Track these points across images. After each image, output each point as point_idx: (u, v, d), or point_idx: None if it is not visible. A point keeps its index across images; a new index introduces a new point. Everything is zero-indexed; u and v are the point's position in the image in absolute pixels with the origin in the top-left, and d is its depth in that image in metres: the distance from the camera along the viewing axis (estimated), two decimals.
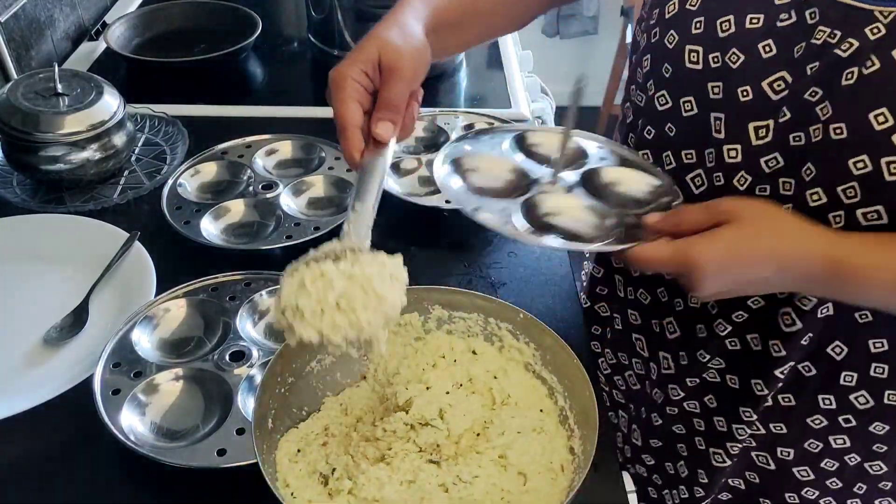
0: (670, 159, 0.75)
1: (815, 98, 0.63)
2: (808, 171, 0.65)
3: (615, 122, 3.12)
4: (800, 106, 0.64)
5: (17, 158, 1.02)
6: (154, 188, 1.06)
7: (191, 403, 0.76)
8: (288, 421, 0.65)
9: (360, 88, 0.65)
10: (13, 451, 0.74)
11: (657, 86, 0.74)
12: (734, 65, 0.67)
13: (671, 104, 0.72)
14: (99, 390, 0.74)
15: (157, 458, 0.69)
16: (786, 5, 0.64)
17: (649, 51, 0.74)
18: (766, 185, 0.68)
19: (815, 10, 0.63)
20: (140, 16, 1.44)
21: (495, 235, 1.02)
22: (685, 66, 0.70)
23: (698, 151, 0.72)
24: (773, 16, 0.65)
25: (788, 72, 0.65)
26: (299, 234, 0.95)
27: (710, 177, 0.72)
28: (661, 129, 0.75)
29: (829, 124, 0.62)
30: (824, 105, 0.62)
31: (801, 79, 0.64)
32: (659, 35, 0.72)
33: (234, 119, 1.24)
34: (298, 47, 1.49)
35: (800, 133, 0.65)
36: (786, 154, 0.66)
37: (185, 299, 0.86)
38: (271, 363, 0.64)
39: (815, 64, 0.63)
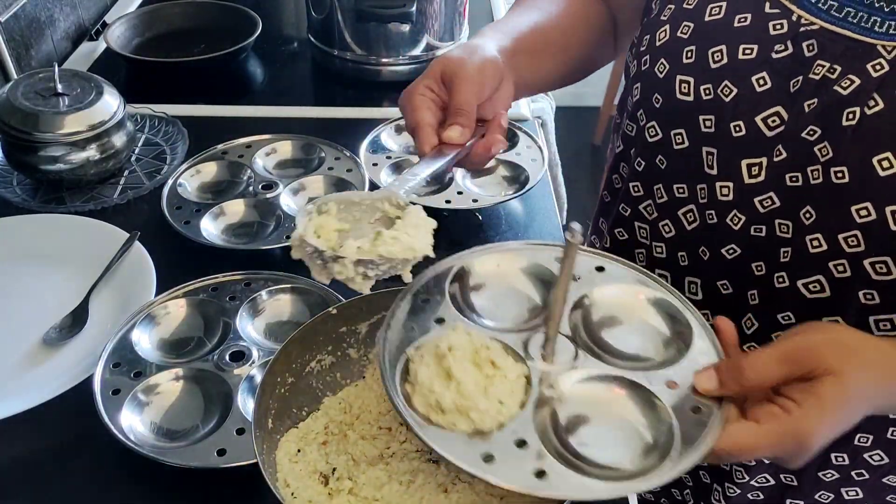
0: (661, 192, 0.72)
1: (813, 137, 0.59)
2: (808, 215, 0.61)
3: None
4: (797, 145, 0.60)
5: (17, 158, 1.02)
6: (154, 188, 1.06)
7: (191, 403, 0.76)
8: (288, 421, 0.65)
9: (427, 101, 0.66)
10: (13, 451, 0.74)
11: (647, 116, 0.71)
12: (726, 98, 0.63)
13: (661, 136, 0.69)
14: (99, 390, 0.74)
15: (157, 458, 0.69)
16: (781, 36, 0.61)
17: (639, 79, 0.71)
18: (762, 225, 0.64)
19: (812, 42, 0.59)
20: (140, 16, 1.44)
21: (496, 235, 1.02)
22: (676, 96, 0.66)
23: (690, 186, 0.69)
24: (768, 47, 0.61)
25: (784, 107, 0.61)
26: None
27: (702, 214, 0.68)
28: (651, 161, 0.72)
29: (830, 167, 0.58)
30: (823, 145, 0.59)
31: (798, 116, 0.60)
32: (649, 63, 0.69)
33: (234, 119, 1.24)
34: (298, 47, 1.49)
35: (797, 174, 0.61)
36: (782, 194, 0.62)
37: (185, 299, 0.86)
38: (271, 363, 0.64)
39: (813, 101, 0.59)
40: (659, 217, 0.74)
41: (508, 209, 1.06)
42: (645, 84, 0.70)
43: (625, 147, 0.78)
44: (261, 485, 0.57)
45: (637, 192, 0.76)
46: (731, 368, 0.52)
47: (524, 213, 1.06)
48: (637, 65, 0.71)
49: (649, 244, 0.76)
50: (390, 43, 1.32)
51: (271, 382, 0.64)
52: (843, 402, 0.51)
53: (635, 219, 0.77)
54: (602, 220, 0.89)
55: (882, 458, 0.73)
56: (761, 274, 0.66)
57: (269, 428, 0.62)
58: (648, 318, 0.59)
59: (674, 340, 0.57)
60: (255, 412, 0.61)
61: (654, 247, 0.75)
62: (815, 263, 0.61)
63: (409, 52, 1.33)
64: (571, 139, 2.76)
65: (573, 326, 0.58)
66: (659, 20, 0.68)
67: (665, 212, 0.72)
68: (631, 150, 0.76)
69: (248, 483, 0.69)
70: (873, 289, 0.60)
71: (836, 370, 0.50)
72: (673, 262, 0.74)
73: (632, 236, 0.78)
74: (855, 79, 0.57)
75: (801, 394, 0.50)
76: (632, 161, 0.75)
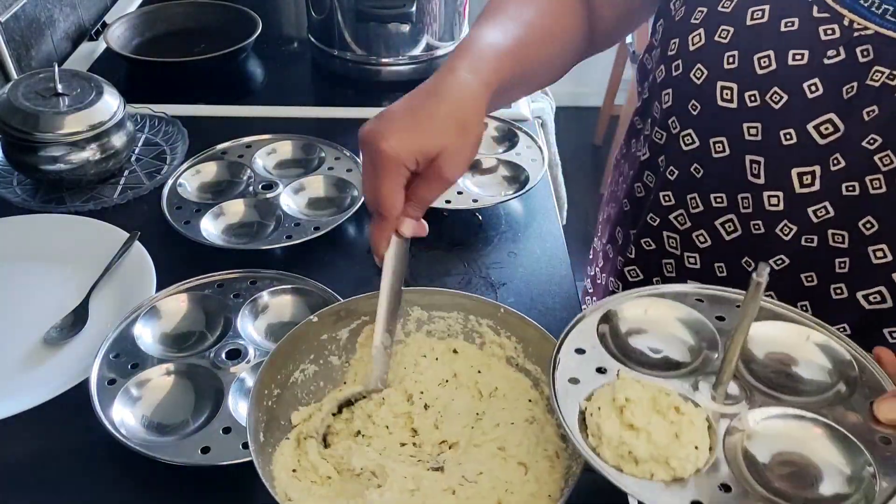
0: (696, 202, 0.70)
1: (873, 146, 0.58)
2: (869, 225, 0.60)
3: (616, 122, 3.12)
4: (856, 154, 0.59)
5: (17, 158, 1.02)
6: (154, 188, 1.06)
7: (182, 399, 0.76)
8: (278, 433, 0.64)
9: (408, 175, 0.61)
10: (13, 451, 0.74)
11: (681, 123, 0.69)
12: (776, 105, 0.61)
13: (698, 144, 0.68)
14: (95, 381, 0.75)
15: (145, 453, 0.68)
16: (833, 41, 0.59)
17: (670, 85, 0.69)
18: (814, 235, 0.63)
19: (867, 48, 0.57)
20: (140, 16, 1.44)
21: (495, 235, 1.02)
22: (717, 103, 0.64)
23: (730, 195, 0.67)
24: (820, 53, 0.59)
25: (837, 114, 0.59)
26: (299, 234, 0.95)
27: (745, 223, 0.67)
28: (686, 169, 0.70)
29: (894, 177, 0.57)
30: (885, 154, 0.57)
31: (856, 124, 0.58)
32: (683, 69, 0.66)
33: (234, 119, 1.24)
34: (298, 47, 1.49)
35: (854, 183, 0.59)
36: (837, 204, 0.61)
37: (189, 294, 0.86)
38: (259, 374, 0.63)
39: (872, 108, 0.57)
40: (692, 227, 0.72)
41: (508, 209, 1.06)
42: (678, 91, 0.68)
43: (652, 155, 0.76)
44: (244, 484, 0.57)
45: (668, 202, 0.74)
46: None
47: (524, 213, 1.06)
48: (666, 70, 0.69)
49: (680, 255, 0.75)
50: (390, 43, 1.32)
51: (260, 394, 0.63)
52: None
53: (664, 228, 0.75)
54: (619, 229, 0.88)
55: None
56: (812, 285, 0.65)
57: (262, 441, 0.62)
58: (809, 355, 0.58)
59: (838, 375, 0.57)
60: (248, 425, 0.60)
61: (686, 257, 0.74)
62: (878, 274, 0.60)
63: (409, 52, 1.33)
64: (571, 139, 2.75)
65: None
66: (690, 24, 0.66)
67: (700, 221, 0.71)
68: (659, 159, 0.74)
69: (231, 481, 0.69)
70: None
71: None
72: (708, 273, 0.73)
73: (659, 246, 0.77)
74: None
75: None
76: (661, 169, 0.74)
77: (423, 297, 0.71)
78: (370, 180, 0.62)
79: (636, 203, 0.82)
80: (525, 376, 0.69)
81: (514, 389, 0.68)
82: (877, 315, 0.63)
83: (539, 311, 0.90)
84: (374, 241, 0.63)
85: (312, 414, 0.66)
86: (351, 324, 0.69)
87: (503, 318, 0.69)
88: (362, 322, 0.68)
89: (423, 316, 0.71)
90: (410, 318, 0.71)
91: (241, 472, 0.67)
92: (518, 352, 0.69)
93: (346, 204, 1.02)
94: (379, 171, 0.60)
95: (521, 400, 0.67)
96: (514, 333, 0.69)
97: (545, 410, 0.66)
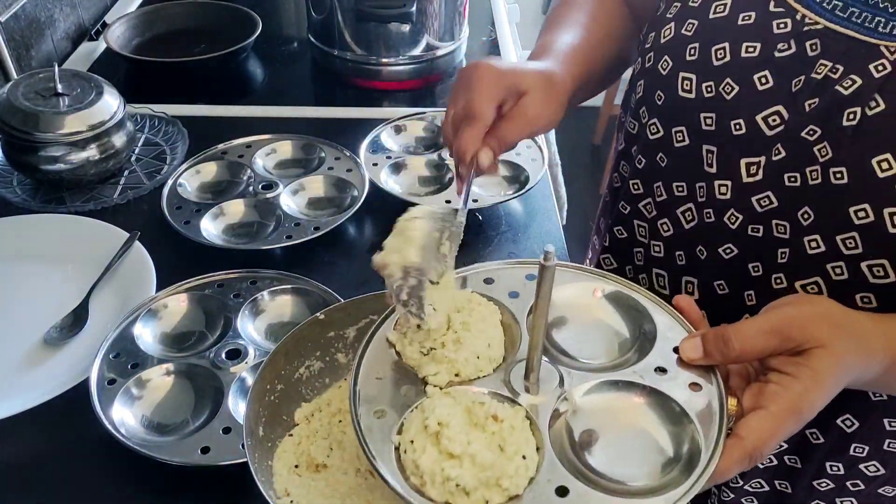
0: (661, 191, 0.72)
1: (813, 137, 0.59)
2: (806, 216, 0.61)
3: (615, 122, 3.12)
4: (796, 145, 0.60)
5: (17, 158, 1.02)
6: (154, 188, 1.06)
7: (182, 399, 0.76)
8: (279, 429, 0.64)
9: (500, 97, 0.65)
10: (13, 451, 0.74)
11: (649, 113, 0.71)
12: (728, 95, 0.63)
13: (663, 133, 0.69)
14: (95, 380, 0.75)
15: (145, 453, 0.69)
16: (784, 35, 0.60)
17: (643, 76, 0.71)
18: (759, 225, 0.64)
19: (815, 42, 0.59)
20: (140, 16, 1.44)
21: (496, 234, 1.02)
22: (678, 93, 0.66)
23: (689, 185, 0.69)
24: (771, 45, 0.61)
25: (785, 106, 0.60)
26: (299, 234, 0.95)
27: (700, 212, 0.68)
28: (652, 158, 0.72)
29: (829, 167, 0.58)
30: (823, 146, 0.58)
31: (798, 115, 0.60)
32: (653, 60, 0.69)
33: (234, 119, 1.24)
34: (298, 47, 1.49)
35: (795, 174, 0.61)
36: (780, 194, 0.62)
37: (188, 294, 0.86)
38: (261, 370, 0.63)
39: (814, 100, 0.59)
40: (658, 216, 0.74)
41: (508, 209, 1.06)
42: (648, 81, 0.70)
43: (626, 145, 0.78)
44: (244, 484, 0.57)
45: (637, 190, 0.75)
46: (717, 338, 0.52)
47: (524, 213, 1.06)
48: (641, 62, 0.71)
49: (647, 243, 0.76)
50: (390, 43, 1.32)
51: (261, 389, 0.63)
52: (834, 374, 0.50)
53: (634, 217, 0.77)
54: (601, 219, 0.89)
55: (878, 469, 0.72)
56: (758, 274, 0.66)
57: (261, 436, 0.62)
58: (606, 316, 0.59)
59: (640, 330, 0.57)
60: (245, 420, 0.60)
61: (651, 245, 0.75)
62: (813, 265, 0.61)
63: (409, 52, 1.33)
64: (571, 139, 2.75)
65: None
66: (664, 18, 0.68)
67: (664, 210, 0.72)
68: (632, 148, 0.76)
69: (231, 481, 0.69)
70: (870, 292, 0.60)
71: (825, 342, 0.50)
72: (670, 262, 0.74)
73: (630, 235, 0.78)
74: (857, 79, 0.57)
75: (794, 367, 0.50)
76: (633, 159, 0.75)
77: None
78: (464, 95, 0.65)
79: (614, 193, 0.83)
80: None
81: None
82: None
83: None
84: (464, 142, 0.64)
85: (314, 412, 0.65)
86: (358, 322, 0.69)
87: None
88: (370, 321, 0.66)
89: None
90: None
91: (241, 472, 0.67)
92: None
93: (346, 204, 1.02)
94: (474, 84, 0.65)
95: None
96: None
97: None
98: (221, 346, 0.80)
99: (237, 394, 0.75)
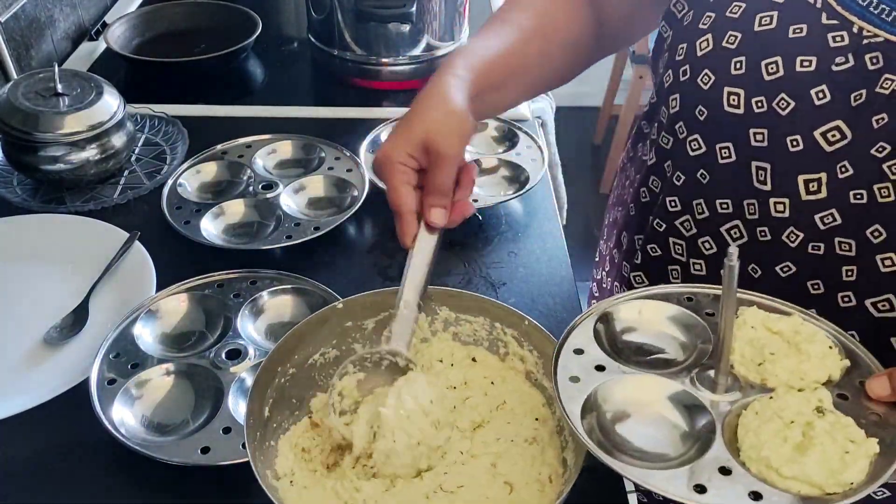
0: (703, 208, 0.70)
1: (882, 154, 0.57)
2: (877, 234, 0.59)
3: (615, 122, 3.11)
4: (864, 161, 0.58)
5: (17, 158, 1.02)
6: (154, 188, 1.06)
7: (182, 399, 0.76)
8: (286, 411, 0.65)
9: (408, 171, 0.64)
10: (13, 451, 0.74)
11: (689, 129, 0.69)
12: (783, 111, 0.61)
13: (705, 149, 0.68)
14: (95, 380, 0.75)
15: (144, 453, 0.69)
16: (842, 48, 0.58)
17: (677, 89, 0.69)
18: (821, 243, 0.63)
19: (877, 56, 0.57)
20: (140, 16, 1.44)
21: (496, 234, 1.02)
22: (723, 109, 0.64)
23: (735, 201, 0.67)
24: (828, 59, 0.59)
25: (845, 122, 0.59)
26: (299, 234, 0.95)
27: (751, 230, 0.67)
28: (692, 175, 0.70)
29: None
30: (894, 163, 0.57)
31: (865, 131, 0.58)
32: (690, 74, 0.66)
33: (234, 119, 1.24)
34: (298, 47, 1.49)
35: (861, 191, 0.59)
36: (844, 212, 0.61)
37: (188, 294, 0.86)
38: (272, 351, 0.64)
39: (881, 115, 0.57)
40: (698, 233, 0.72)
41: (508, 209, 1.06)
42: (685, 96, 0.68)
43: (658, 160, 0.76)
44: (244, 484, 0.57)
45: (674, 207, 0.74)
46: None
47: (524, 213, 1.06)
48: (674, 75, 0.69)
49: (685, 261, 0.75)
50: (390, 43, 1.32)
51: (270, 369, 0.64)
52: None
53: (670, 234, 0.75)
54: (625, 234, 0.87)
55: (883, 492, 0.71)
56: (818, 292, 0.65)
57: (266, 417, 0.63)
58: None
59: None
60: (249, 401, 0.61)
61: (691, 264, 0.74)
62: (886, 282, 0.60)
63: (409, 52, 1.33)
64: (571, 139, 2.75)
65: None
66: (698, 29, 0.66)
67: (706, 228, 0.70)
68: (666, 164, 0.74)
69: (231, 481, 0.69)
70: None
71: None
72: (714, 280, 0.71)
73: (665, 252, 0.77)
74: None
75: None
76: (668, 174, 0.74)
77: (450, 299, 0.70)
78: (385, 186, 0.65)
79: (642, 208, 0.81)
80: (540, 393, 0.68)
81: (524, 405, 0.67)
82: (886, 323, 0.63)
83: (540, 312, 0.90)
84: (399, 237, 0.65)
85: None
86: (378, 314, 0.69)
87: (526, 330, 0.68)
88: (389, 315, 0.66)
89: (451, 317, 0.71)
90: (438, 317, 0.71)
91: (242, 472, 0.67)
92: (538, 367, 0.68)
93: (346, 204, 1.02)
94: (384, 177, 0.65)
95: (528, 418, 0.66)
96: (535, 347, 0.68)
97: (552, 432, 0.65)
98: (221, 346, 0.80)
99: (237, 394, 0.75)
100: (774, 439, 0.51)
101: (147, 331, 0.82)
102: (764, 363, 0.57)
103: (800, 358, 0.56)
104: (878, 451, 0.50)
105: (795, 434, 0.52)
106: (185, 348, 0.81)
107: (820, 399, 0.54)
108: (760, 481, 0.50)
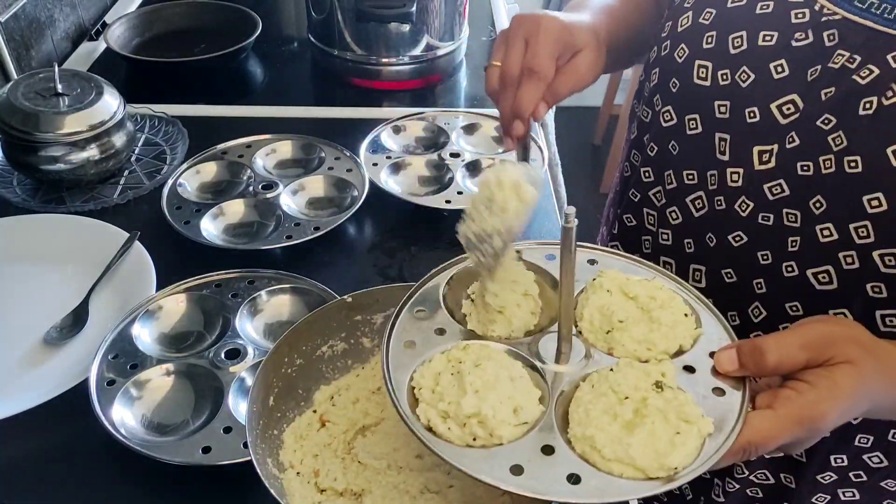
0: (671, 178, 0.72)
1: (827, 126, 0.59)
2: (818, 204, 0.61)
3: (615, 122, 3.11)
4: (811, 133, 0.60)
5: (17, 158, 1.02)
6: (154, 188, 1.06)
7: (182, 399, 0.76)
8: (292, 402, 0.66)
9: (559, 52, 0.67)
10: (13, 451, 0.74)
11: (663, 101, 0.71)
12: (743, 84, 0.64)
13: (676, 121, 0.70)
14: (95, 381, 0.75)
15: (145, 453, 0.69)
16: (802, 24, 0.61)
17: (658, 64, 0.72)
18: (770, 213, 0.64)
19: (833, 32, 0.59)
20: (140, 16, 1.44)
21: None
22: (693, 81, 0.67)
23: (700, 172, 0.69)
24: (788, 35, 0.61)
25: (800, 95, 0.61)
26: (299, 234, 0.95)
27: (711, 200, 0.69)
28: (664, 146, 0.72)
29: (843, 156, 0.58)
30: (838, 134, 0.58)
31: (813, 104, 0.60)
32: (669, 48, 0.69)
33: (234, 119, 1.24)
34: (298, 47, 1.49)
35: (808, 162, 0.61)
36: (792, 183, 0.62)
37: (187, 294, 0.86)
38: (278, 342, 0.64)
39: (830, 89, 0.59)
40: (667, 203, 0.74)
41: None
42: (663, 69, 0.71)
43: (639, 133, 0.78)
44: (244, 484, 0.57)
45: (648, 178, 0.76)
46: (753, 351, 0.52)
47: None
48: (657, 50, 0.72)
49: (655, 230, 0.76)
50: (390, 43, 1.32)
51: (277, 360, 0.64)
52: (854, 392, 0.51)
53: (644, 205, 0.77)
54: (611, 210, 0.89)
55: (881, 461, 0.72)
56: (767, 263, 0.66)
57: (271, 405, 0.63)
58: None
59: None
60: (253, 389, 0.61)
61: (660, 233, 0.76)
62: (825, 253, 0.61)
63: (409, 52, 1.33)
64: (571, 139, 2.75)
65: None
66: (682, 7, 0.69)
67: (674, 198, 0.72)
68: (644, 137, 0.76)
69: (231, 481, 0.69)
70: (881, 282, 0.60)
71: (854, 360, 0.51)
72: (678, 250, 0.74)
73: (639, 222, 0.79)
74: (874, 69, 0.57)
75: (814, 376, 0.51)
76: (645, 147, 0.76)
77: None
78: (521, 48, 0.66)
79: (624, 182, 0.83)
80: None
81: None
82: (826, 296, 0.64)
83: None
84: (526, 99, 0.66)
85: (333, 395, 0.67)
86: (387, 310, 0.70)
87: None
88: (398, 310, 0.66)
89: None
90: None
91: (242, 472, 0.67)
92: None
93: (346, 204, 1.02)
94: (539, 38, 0.66)
95: None
96: None
97: None
98: (220, 345, 0.80)
99: (237, 393, 0.75)
100: (604, 416, 0.49)
101: (146, 331, 0.82)
102: (612, 331, 0.56)
103: (650, 326, 0.55)
104: (711, 431, 0.48)
105: (626, 411, 0.49)
106: (185, 348, 0.81)
107: (662, 373, 0.52)
108: (584, 462, 0.47)
